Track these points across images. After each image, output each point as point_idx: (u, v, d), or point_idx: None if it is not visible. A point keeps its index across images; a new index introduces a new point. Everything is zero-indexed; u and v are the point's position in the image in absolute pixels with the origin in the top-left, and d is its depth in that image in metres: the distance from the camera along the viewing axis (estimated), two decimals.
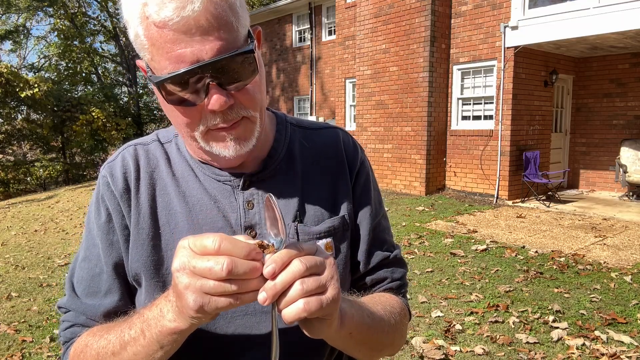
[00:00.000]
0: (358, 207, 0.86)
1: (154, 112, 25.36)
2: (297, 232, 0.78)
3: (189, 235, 0.56)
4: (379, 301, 0.79)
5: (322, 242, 0.79)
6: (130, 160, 0.79)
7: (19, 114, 18.63)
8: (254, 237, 0.76)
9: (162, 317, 0.60)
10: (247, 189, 0.78)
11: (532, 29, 7.61)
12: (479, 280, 4.46)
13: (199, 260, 0.52)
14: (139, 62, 0.70)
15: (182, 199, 0.77)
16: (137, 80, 24.05)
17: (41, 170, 18.52)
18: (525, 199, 8.45)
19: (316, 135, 0.87)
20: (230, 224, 0.77)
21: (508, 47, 7.94)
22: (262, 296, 0.53)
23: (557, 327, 3.44)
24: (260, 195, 0.78)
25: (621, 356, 3.04)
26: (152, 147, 0.82)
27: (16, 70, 17.98)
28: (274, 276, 0.53)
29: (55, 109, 17.22)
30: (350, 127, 11.16)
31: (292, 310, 0.53)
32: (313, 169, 0.83)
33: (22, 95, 15.47)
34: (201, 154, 0.77)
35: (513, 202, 8.22)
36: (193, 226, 0.76)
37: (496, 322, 3.57)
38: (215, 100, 0.63)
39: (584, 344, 3.20)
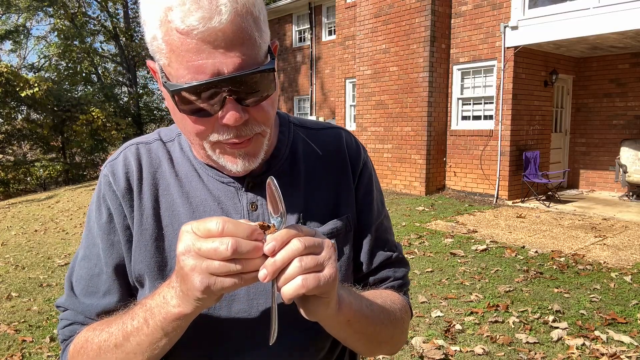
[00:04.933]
0: (361, 207, 0.86)
1: (154, 112, 25.37)
2: None
3: (191, 221, 0.58)
4: (380, 295, 0.80)
5: None
6: (132, 160, 0.78)
7: (19, 114, 18.62)
8: None
9: (166, 303, 0.61)
10: (251, 190, 0.78)
11: (532, 29, 7.61)
12: (479, 280, 4.46)
13: (203, 242, 0.54)
14: (150, 63, 0.69)
15: (185, 200, 0.77)
16: (137, 80, 24.05)
17: (41, 170, 18.49)
18: (525, 199, 8.45)
19: (319, 135, 0.87)
20: None
21: (508, 47, 7.94)
22: (263, 273, 0.55)
23: (557, 327, 3.44)
24: (263, 196, 0.78)
25: (621, 356, 3.04)
26: (155, 146, 0.81)
27: (16, 70, 17.98)
28: (273, 253, 0.55)
29: (55, 108, 17.22)
30: (350, 127, 11.16)
31: (291, 287, 0.55)
32: (316, 170, 0.83)
33: (22, 95, 15.46)
34: (206, 159, 0.77)
35: (513, 202, 8.22)
36: None
37: (496, 322, 3.57)
38: (230, 115, 0.63)
39: (584, 344, 3.20)
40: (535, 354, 3.10)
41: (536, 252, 5.30)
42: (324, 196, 0.82)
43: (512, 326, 3.50)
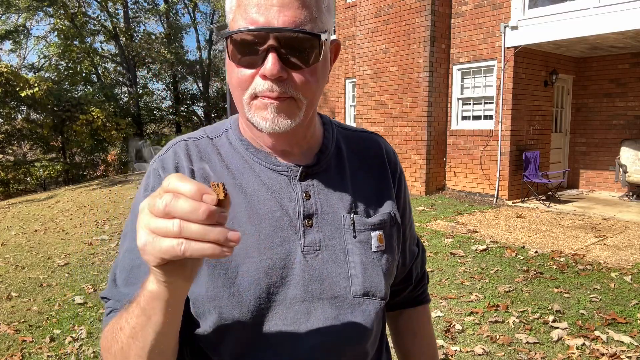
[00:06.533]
0: (400, 210, 0.91)
1: (154, 112, 25.37)
2: (354, 223, 0.81)
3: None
4: None
5: (375, 234, 0.83)
6: (182, 154, 0.80)
7: (19, 114, 18.62)
8: (310, 226, 0.79)
9: (148, 280, 0.58)
10: (304, 180, 0.81)
11: (532, 29, 7.61)
12: (479, 280, 4.46)
13: (151, 199, 0.50)
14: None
15: (239, 190, 0.78)
16: (137, 80, 24.04)
17: (41, 170, 18.51)
18: (525, 199, 8.45)
19: (359, 139, 0.92)
20: (288, 214, 0.78)
21: (508, 47, 7.94)
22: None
23: (557, 327, 3.44)
24: (315, 186, 0.81)
25: (621, 356, 3.04)
26: (203, 142, 0.83)
27: (16, 70, 17.98)
28: None
29: (55, 108, 17.22)
30: None
31: None
32: (359, 168, 0.87)
33: (22, 95, 15.46)
34: (252, 130, 0.80)
35: (513, 202, 8.22)
36: (252, 216, 0.77)
37: (496, 322, 3.57)
38: (271, 66, 0.67)
39: (584, 344, 3.20)
40: (535, 354, 3.10)
41: (536, 252, 5.30)
42: (367, 193, 0.86)
43: (512, 326, 3.50)
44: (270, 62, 0.67)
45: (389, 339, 1.03)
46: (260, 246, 0.75)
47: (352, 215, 0.81)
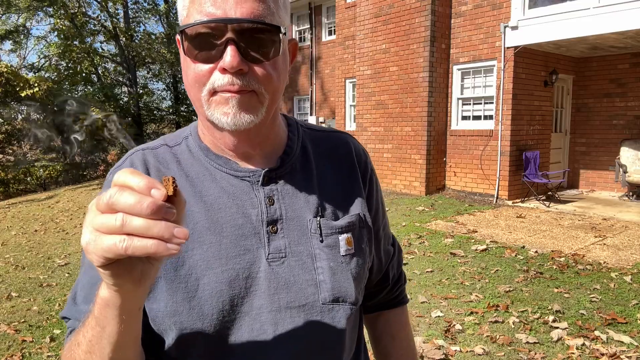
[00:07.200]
0: (372, 210, 0.89)
1: (154, 112, 25.35)
2: (320, 226, 0.78)
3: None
4: None
5: (343, 237, 0.80)
6: (139, 165, 0.77)
7: (19, 114, 18.62)
8: (275, 232, 0.76)
9: (100, 287, 0.55)
10: (267, 184, 0.78)
11: (532, 29, 7.61)
12: (479, 280, 4.46)
13: (99, 197, 0.47)
14: (178, 37, 0.71)
15: (199, 199, 0.75)
16: (137, 80, 24.04)
17: (41, 170, 18.50)
18: (525, 199, 8.45)
19: (326, 139, 0.89)
20: (251, 221, 0.75)
21: (508, 47, 7.94)
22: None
23: (557, 327, 3.44)
24: (279, 191, 0.78)
25: (621, 356, 3.04)
26: (161, 150, 0.80)
27: (16, 70, 17.98)
28: None
29: (55, 109, 17.22)
30: (350, 127, 11.16)
31: None
32: (326, 169, 0.84)
33: (22, 95, 15.46)
34: (213, 133, 0.76)
35: (513, 202, 8.21)
36: (213, 226, 0.74)
37: (496, 322, 3.57)
38: (230, 58, 0.65)
39: (584, 344, 3.20)
40: (535, 354, 3.10)
41: (536, 252, 5.30)
42: (335, 194, 0.83)
43: (512, 326, 3.50)
44: (230, 55, 0.64)
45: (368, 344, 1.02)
46: (222, 256, 0.72)
47: (319, 218, 0.79)
